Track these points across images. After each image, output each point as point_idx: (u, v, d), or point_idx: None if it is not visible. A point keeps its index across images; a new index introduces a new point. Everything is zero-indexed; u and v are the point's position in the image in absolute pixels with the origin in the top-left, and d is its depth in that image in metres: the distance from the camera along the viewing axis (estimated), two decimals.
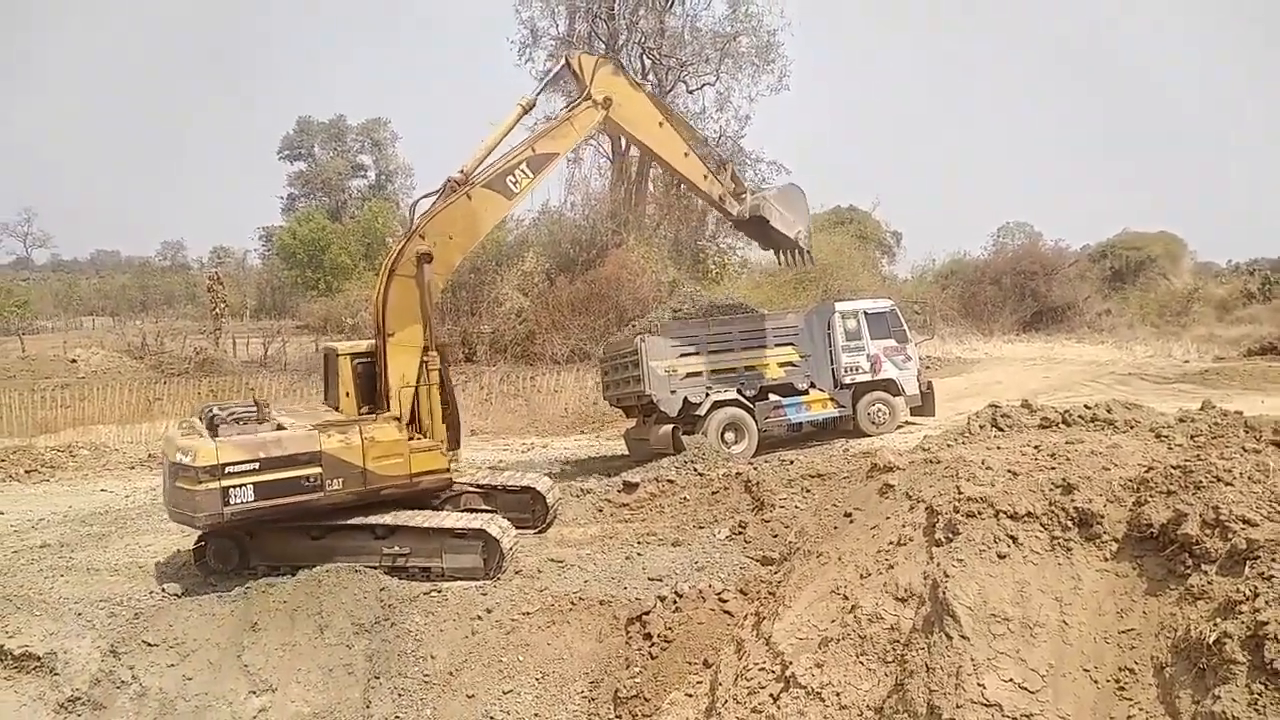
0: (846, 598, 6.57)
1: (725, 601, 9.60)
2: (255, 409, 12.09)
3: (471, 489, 13.04)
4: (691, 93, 39.81)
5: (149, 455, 22.82)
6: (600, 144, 38.90)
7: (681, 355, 17.83)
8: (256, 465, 10.87)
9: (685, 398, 17.57)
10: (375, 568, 11.52)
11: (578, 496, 15.13)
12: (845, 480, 12.10)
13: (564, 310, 32.90)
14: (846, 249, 40.33)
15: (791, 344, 18.65)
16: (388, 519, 11.77)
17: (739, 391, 18.00)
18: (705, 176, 16.55)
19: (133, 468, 22.27)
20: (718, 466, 15.18)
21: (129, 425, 26.37)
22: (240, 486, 10.79)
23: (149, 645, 10.41)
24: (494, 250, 38.81)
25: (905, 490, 7.40)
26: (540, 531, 13.49)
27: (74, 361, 34.58)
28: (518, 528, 12.52)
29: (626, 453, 19.26)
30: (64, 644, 10.67)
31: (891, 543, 6.80)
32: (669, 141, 15.91)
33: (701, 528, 12.89)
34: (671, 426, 17.23)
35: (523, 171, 13.50)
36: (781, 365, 18.46)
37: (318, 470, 11.25)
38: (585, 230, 36.88)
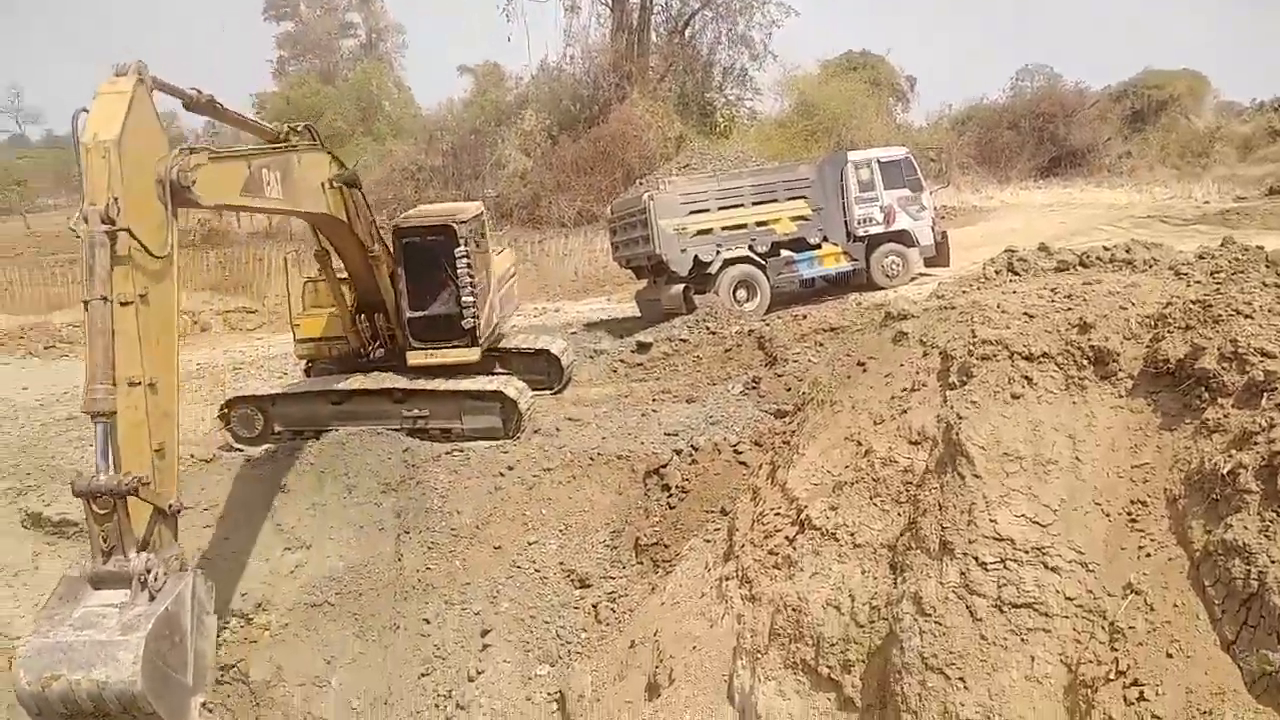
0: (860, 443, 6.67)
1: (740, 453, 9.82)
2: None
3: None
4: None
5: None
6: None
7: (691, 213, 17.50)
8: None
9: (695, 256, 17.36)
10: (397, 430, 11.78)
11: (591, 358, 15.27)
12: (858, 332, 12.14)
13: (568, 171, 32.20)
14: (859, 96, 38.86)
15: (803, 197, 18.22)
16: (403, 382, 11.93)
17: (750, 248, 17.76)
18: None
19: None
20: (730, 324, 15.19)
21: None
22: None
23: (184, 509, 10.77)
24: (492, 110, 37.71)
25: (919, 337, 7.37)
26: (556, 392, 13.69)
27: (79, 237, 34.32)
28: (534, 389, 12.71)
29: (638, 314, 19.28)
30: None
31: (905, 389, 6.83)
32: None
33: (715, 384, 13.03)
34: (682, 286, 17.12)
35: None
36: (793, 219, 18.11)
37: None
38: (586, 85, 35.60)
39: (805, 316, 14.60)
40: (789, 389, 11.56)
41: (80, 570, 5.92)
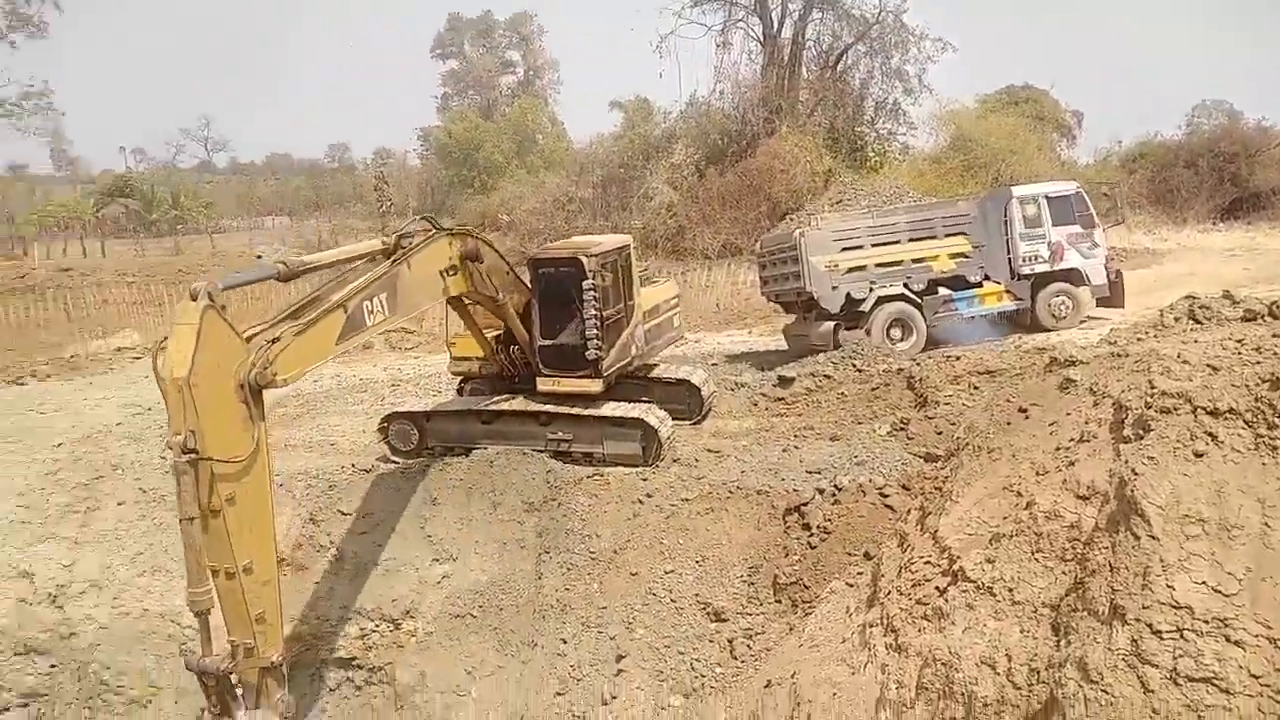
0: (1020, 494, 6.37)
1: (886, 496, 9.56)
2: None
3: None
4: None
5: None
6: (750, 26, 37.37)
7: (844, 249, 17.23)
8: None
9: (848, 293, 17.04)
10: (541, 451, 12.11)
11: (732, 390, 15.23)
12: (1017, 376, 11.63)
13: (714, 204, 32.39)
14: (1020, 131, 37.38)
15: (963, 233, 17.61)
16: (549, 407, 12.27)
17: (905, 286, 17.28)
18: None
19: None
20: (878, 362, 14.85)
21: None
22: None
23: (342, 514, 11.46)
24: (641, 144, 38.49)
25: (1089, 385, 7.01)
26: (696, 423, 13.72)
27: (259, 257, 37.27)
28: (673, 419, 12.79)
29: (781, 348, 19.11)
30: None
31: (1072, 439, 6.50)
32: None
33: (860, 423, 12.74)
34: (833, 323, 16.85)
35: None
36: (952, 257, 17.50)
37: None
38: (735, 120, 35.81)
39: (959, 358, 14.10)
40: (940, 432, 11.18)
41: None
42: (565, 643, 9.92)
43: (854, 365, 14.83)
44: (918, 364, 14.23)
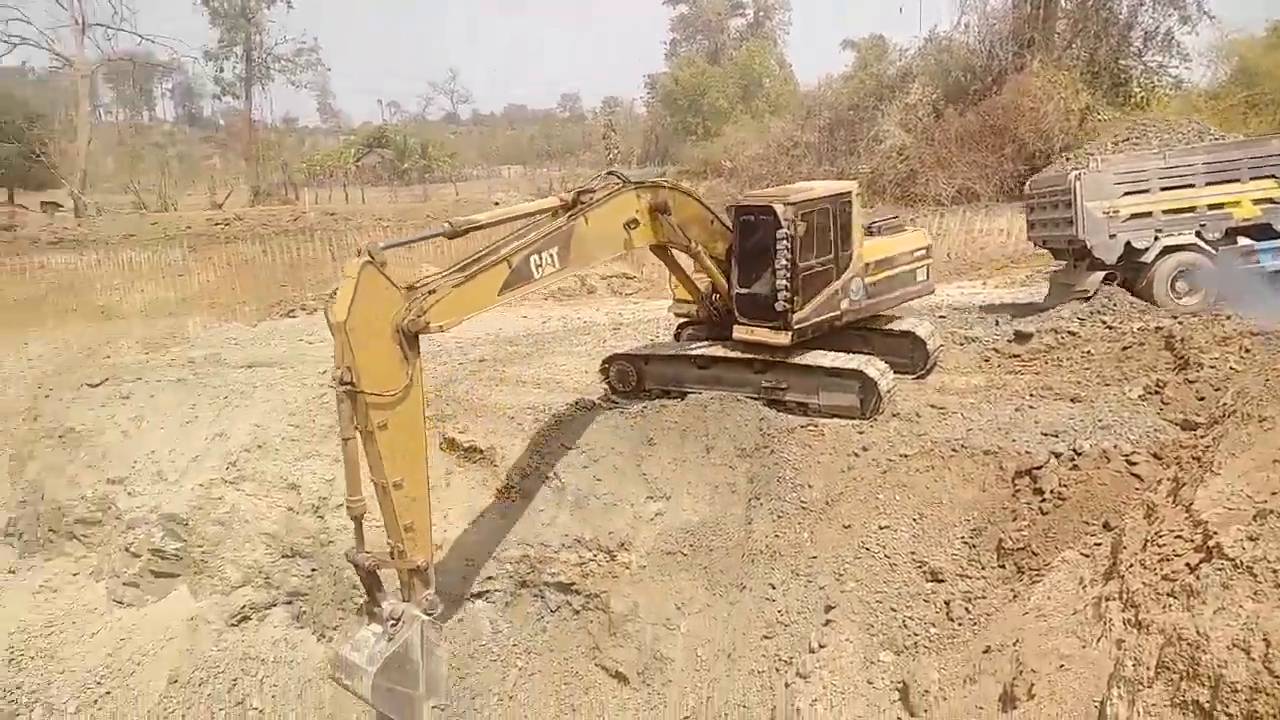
0: None
1: (1134, 464, 8.76)
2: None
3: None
4: None
5: (557, 289, 25.74)
6: None
7: (1126, 194, 15.46)
8: None
9: (1128, 242, 15.34)
10: (755, 398, 12.10)
11: (961, 344, 14.44)
12: None
13: (951, 146, 30.38)
14: None
15: (1273, 176, 15.24)
16: (766, 354, 12.19)
17: (1198, 234, 15.28)
18: None
19: (545, 299, 25.29)
20: (1131, 319, 13.47)
21: None
22: None
23: (566, 448, 12.07)
24: (873, 84, 36.76)
25: None
26: (919, 377, 13.16)
27: (496, 204, 39.53)
28: (895, 372, 12.32)
29: (1020, 301, 17.76)
30: (500, 441, 12.79)
31: None
32: None
33: (1107, 385, 11.68)
34: (1104, 274, 15.32)
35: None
36: (1257, 202, 15.22)
37: None
38: (980, 55, 33.24)
39: (1229, 316, 12.50)
40: (1202, 398, 10.03)
41: (363, 608, 9.16)
42: (774, 588, 9.97)
43: (1103, 321, 13.56)
44: (1179, 322, 12.77)
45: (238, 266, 29.92)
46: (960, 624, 8.39)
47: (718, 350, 12.61)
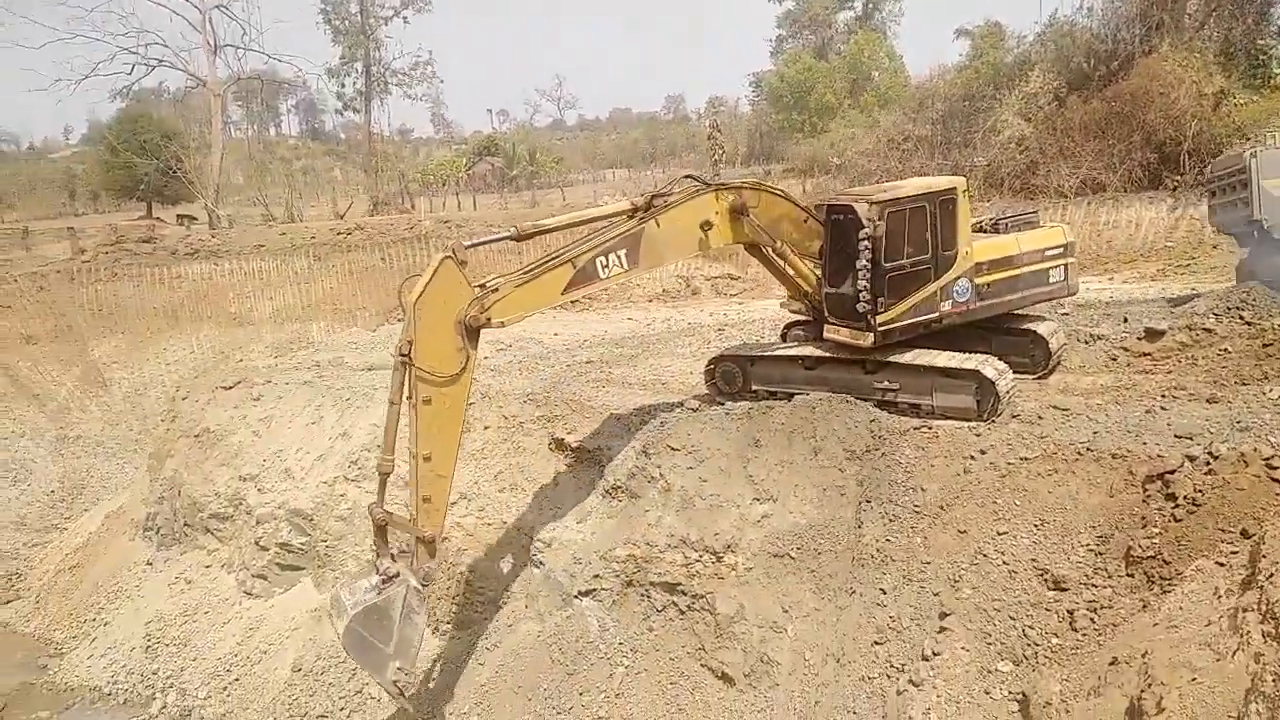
0: None
1: (1274, 468, 8.17)
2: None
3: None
4: None
5: (662, 291, 25.87)
6: None
7: None
8: None
9: None
10: (866, 400, 11.83)
11: (1086, 343, 13.74)
12: None
13: (1074, 135, 28.95)
14: None
15: None
16: (876, 354, 11.91)
17: None
18: None
19: (650, 300, 25.47)
20: (1272, 315, 12.55)
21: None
22: None
23: (672, 450, 12.09)
24: (990, 73, 35.45)
25: None
26: (1041, 377, 12.62)
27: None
28: (1015, 372, 11.83)
29: (1150, 297, 16.75)
30: (608, 442, 12.94)
31: None
32: None
33: (1246, 384, 10.94)
34: None
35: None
36: None
37: None
38: (1104, 40, 31.59)
39: None
40: None
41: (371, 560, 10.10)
42: (885, 593, 9.75)
43: (1241, 317, 12.66)
44: None
45: (358, 274, 31.27)
46: (1085, 634, 8.02)
47: (824, 350, 12.39)
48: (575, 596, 11.75)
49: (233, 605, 15.41)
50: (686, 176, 11.49)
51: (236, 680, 14.19)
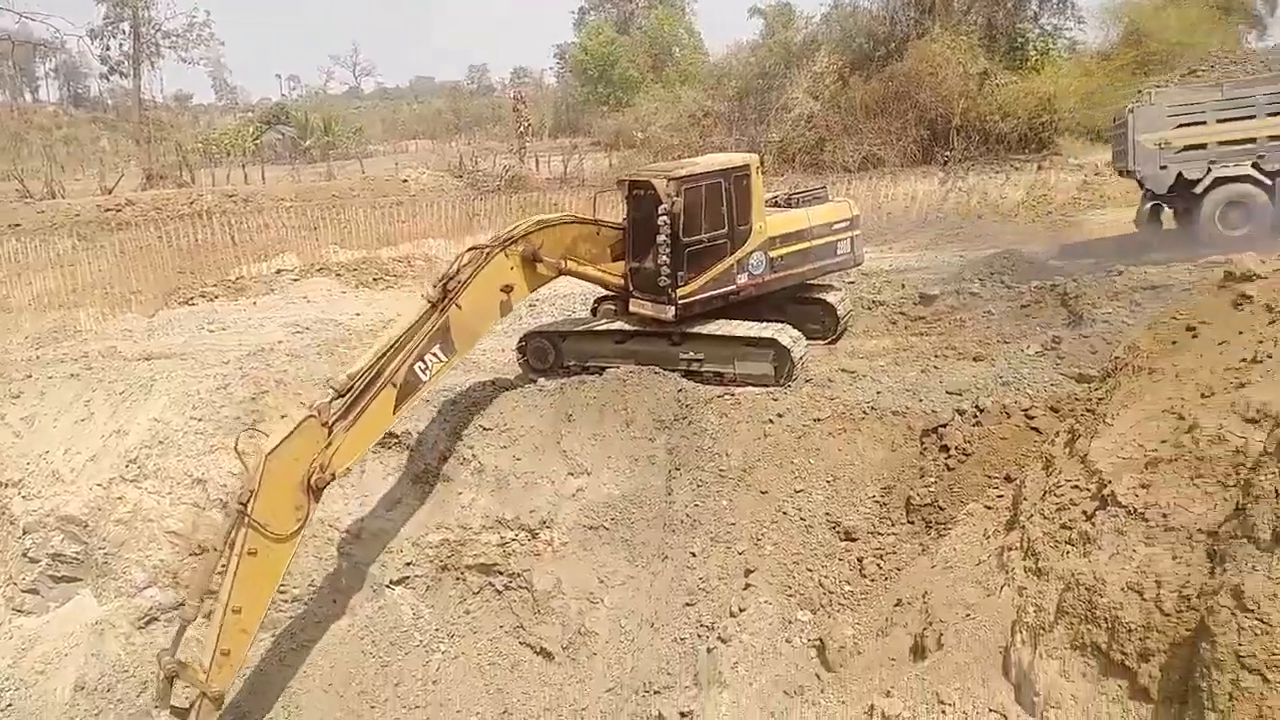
0: (1183, 417, 5.92)
1: (1032, 418, 9.09)
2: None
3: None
4: None
5: None
6: None
7: (1179, 125, 15.68)
8: None
9: (1179, 173, 15.54)
10: (673, 371, 12.14)
11: (869, 309, 14.74)
12: (1185, 293, 10.72)
13: (857, 113, 30.94)
14: (1203, 23, 33.63)
15: None
16: (680, 327, 12.23)
17: (1255, 166, 15.33)
18: None
19: None
20: (1028, 278, 13.98)
21: (454, 238, 29.18)
22: None
23: (484, 429, 11.91)
24: (781, 53, 37.03)
25: (1266, 302, 6.39)
26: (831, 342, 13.40)
27: (405, 181, 38.56)
28: (808, 338, 12.51)
29: (922, 265, 18.20)
30: (416, 425, 12.54)
31: (1244, 359, 5.98)
32: None
33: (1007, 343, 12.11)
34: (1151, 205, 15.42)
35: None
36: None
37: None
38: (883, 22, 33.81)
39: (1121, 272, 13.08)
40: (1095, 352, 10.49)
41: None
42: (694, 556, 10.10)
43: (1002, 281, 14.03)
44: (1073, 279, 13.32)
45: (131, 254, 28.44)
46: (873, 580, 8.65)
47: (632, 324, 12.60)
48: (387, 586, 11.39)
49: (1, 625, 13.79)
50: (469, 249, 10.97)
51: (10, 706, 12.70)
